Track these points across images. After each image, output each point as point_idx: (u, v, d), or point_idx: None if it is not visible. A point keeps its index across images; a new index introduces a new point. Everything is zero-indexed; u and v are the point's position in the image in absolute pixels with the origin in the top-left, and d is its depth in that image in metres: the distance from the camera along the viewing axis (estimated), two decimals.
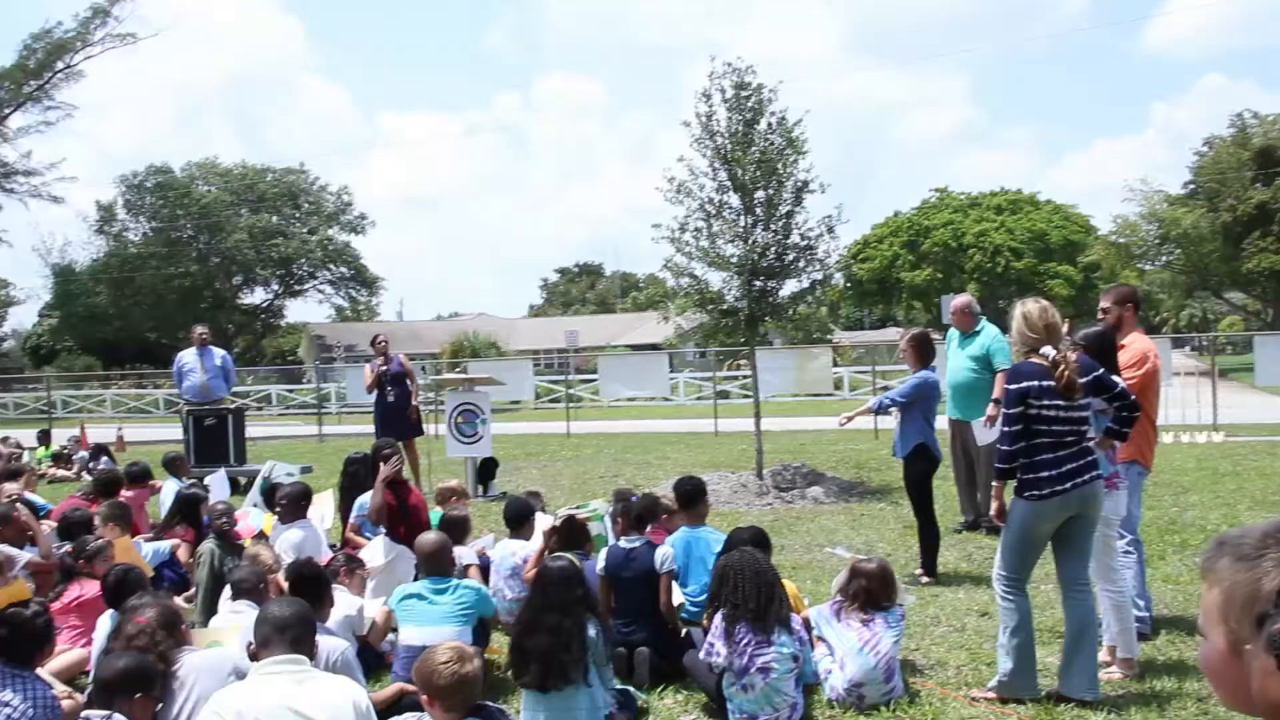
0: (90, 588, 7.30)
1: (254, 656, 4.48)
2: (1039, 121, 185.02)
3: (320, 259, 74.73)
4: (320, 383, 36.35)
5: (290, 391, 43.25)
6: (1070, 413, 5.84)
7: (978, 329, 10.75)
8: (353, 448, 12.25)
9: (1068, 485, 5.84)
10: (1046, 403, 5.81)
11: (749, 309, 13.51)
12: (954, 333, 11.00)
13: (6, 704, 5.03)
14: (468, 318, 76.94)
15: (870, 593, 6.42)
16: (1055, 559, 6.20)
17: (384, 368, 14.71)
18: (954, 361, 10.79)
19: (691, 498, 7.81)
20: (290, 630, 4.36)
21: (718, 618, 5.95)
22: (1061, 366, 5.78)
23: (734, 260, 13.34)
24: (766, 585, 5.90)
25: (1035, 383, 5.84)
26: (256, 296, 79.09)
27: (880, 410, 9.30)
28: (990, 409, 9.93)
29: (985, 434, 9.96)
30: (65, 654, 6.94)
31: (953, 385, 10.63)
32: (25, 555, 8.12)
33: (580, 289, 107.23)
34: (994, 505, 6.23)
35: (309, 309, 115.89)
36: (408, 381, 14.76)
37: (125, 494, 10.54)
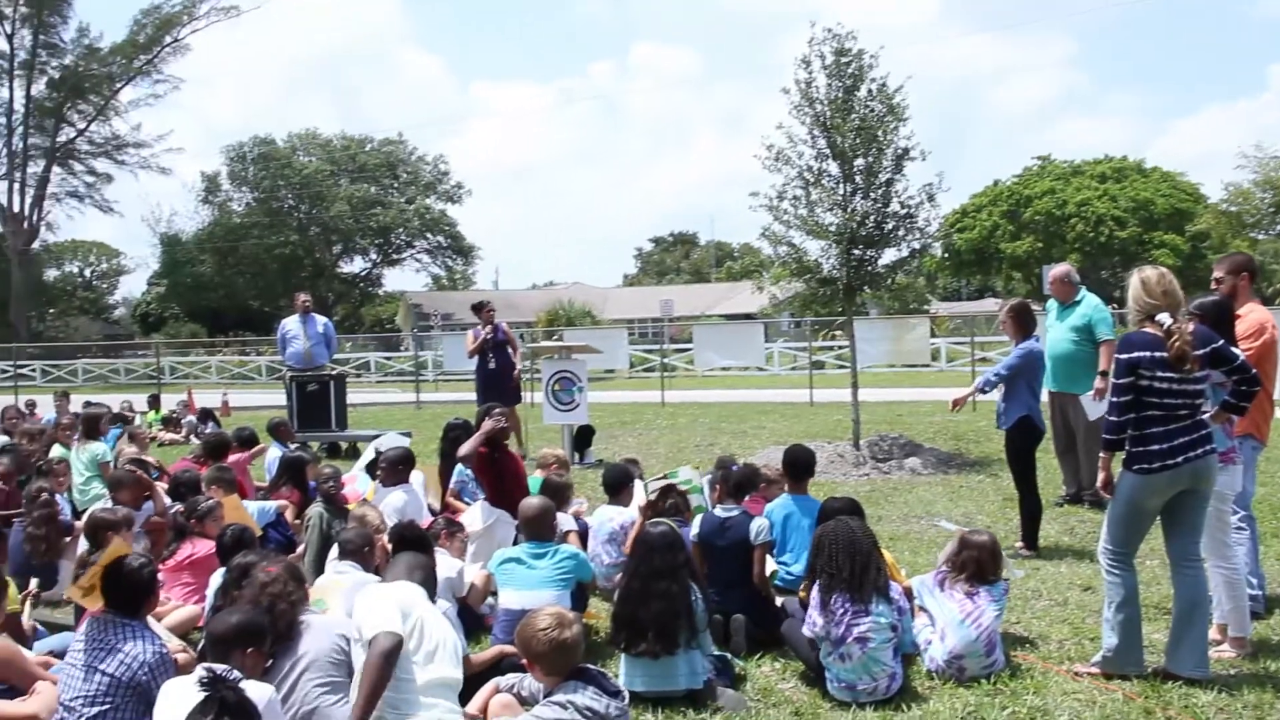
0: (202, 546, 7.52)
1: None
2: (1146, 87, 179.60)
3: (418, 228, 75.74)
4: (418, 350, 36.87)
5: (388, 359, 43.88)
6: (1183, 385, 5.67)
7: (1078, 299, 10.51)
8: (449, 415, 12.40)
9: (1179, 459, 5.70)
10: (1159, 374, 5.66)
11: (847, 278, 13.37)
12: (1053, 304, 10.77)
13: (118, 649, 5.21)
14: (562, 287, 77.30)
15: (978, 565, 6.34)
16: (1165, 534, 6.06)
17: (488, 334, 14.91)
18: (1054, 333, 10.56)
19: (801, 468, 7.77)
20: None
21: (815, 588, 5.93)
22: (1175, 336, 5.61)
23: (832, 228, 13.20)
24: (862, 554, 5.86)
25: (1147, 353, 5.68)
26: (355, 265, 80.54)
27: (986, 389, 9.14)
28: (1098, 382, 9.71)
29: (1094, 408, 9.76)
30: (179, 610, 7.16)
31: (1053, 357, 10.36)
32: (143, 514, 8.39)
33: (675, 258, 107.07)
34: (1101, 476, 6.10)
35: (406, 278, 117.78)
36: (509, 349, 14.91)
37: (231, 457, 10.81)
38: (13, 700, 4.57)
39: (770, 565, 7.22)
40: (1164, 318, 5.70)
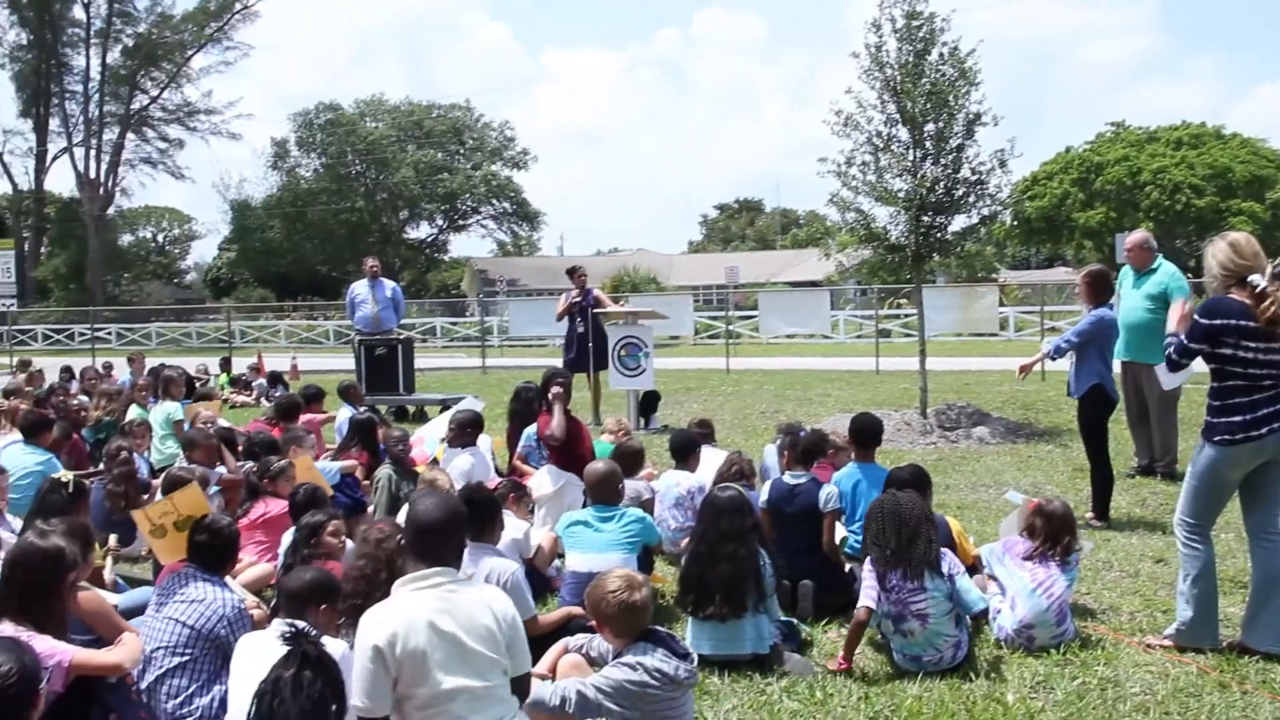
0: (275, 505, 7.64)
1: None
2: (1228, 50, 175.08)
3: (483, 194, 75.98)
4: (483, 316, 37.06)
5: (453, 324, 44.15)
6: (1269, 354, 5.54)
7: (1154, 266, 10.28)
8: (515, 380, 12.50)
9: (1263, 430, 5.57)
10: (1243, 343, 5.53)
11: (915, 245, 13.24)
12: (1128, 271, 10.55)
13: (199, 601, 5.34)
14: (627, 253, 77.26)
15: (1051, 534, 6.28)
16: (1243, 506, 5.95)
17: (578, 298, 15.01)
18: (1129, 301, 10.33)
19: (868, 436, 7.74)
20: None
21: (868, 564, 5.91)
22: (1269, 300, 5.45)
23: (901, 194, 13.06)
24: (908, 527, 5.80)
25: (1232, 321, 5.54)
26: (421, 231, 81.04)
27: (1056, 355, 9.00)
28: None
29: (1168, 378, 9.55)
30: (252, 568, 7.29)
31: (1127, 325, 10.13)
32: (217, 473, 8.54)
33: (740, 225, 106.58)
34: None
35: (472, 243, 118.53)
36: (604, 316, 14.92)
37: (303, 417, 10.98)
38: (100, 650, 4.69)
39: (841, 532, 7.21)
40: (1257, 279, 5.54)
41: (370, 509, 8.68)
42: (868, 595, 5.79)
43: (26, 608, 4.46)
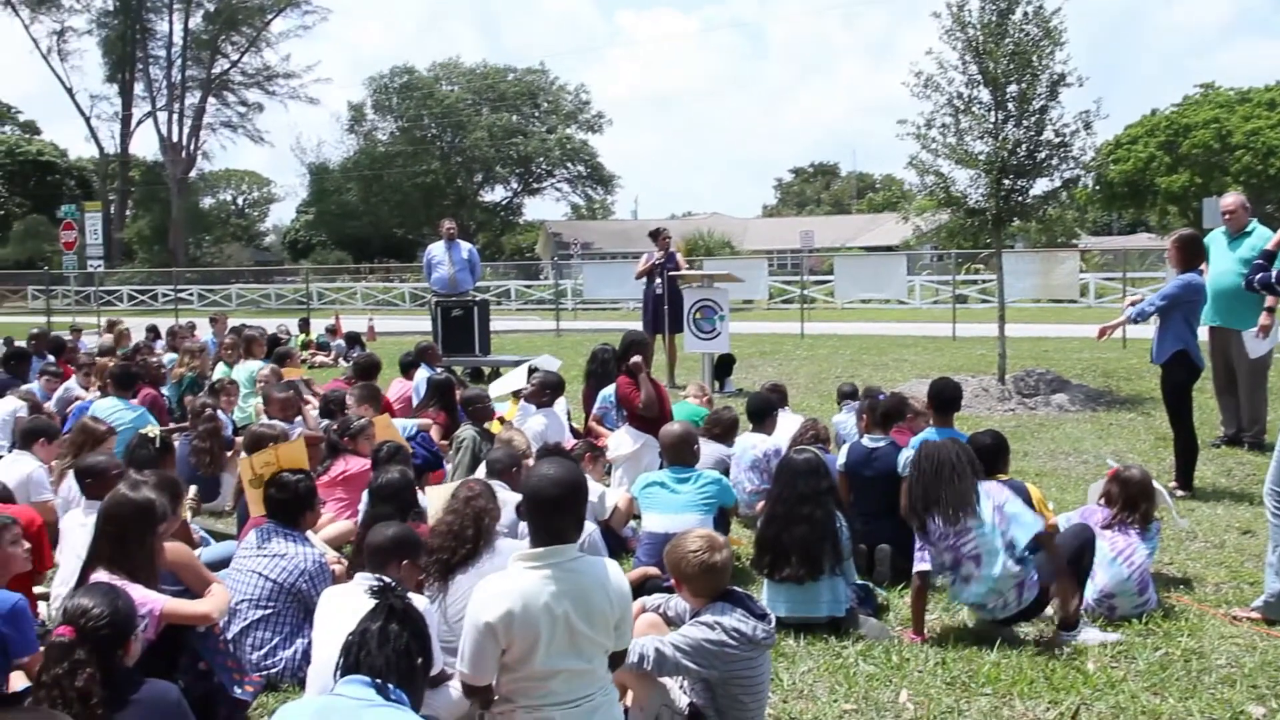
0: (354, 463, 7.76)
1: None
2: None
3: (558, 157, 76.04)
4: (558, 279, 37.17)
5: (528, 287, 44.34)
6: None
7: (1249, 230, 10.02)
8: (589, 342, 12.53)
9: None
10: None
11: (996, 209, 13.03)
12: (1218, 235, 10.27)
13: (281, 555, 5.46)
14: (701, 217, 76.94)
15: (1129, 501, 6.19)
16: None
17: (660, 259, 15.02)
18: (1219, 265, 10.04)
19: (947, 401, 7.66)
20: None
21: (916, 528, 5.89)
22: None
23: (982, 157, 12.85)
24: (932, 471, 5.72)
25: None
26: (496, 194, 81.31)
27: (1139, 319, 8.82)
28: (1264, 318, 9.20)
29: (1257, 345, 9.35)
30: (333, 525, 7.42)
31: (1216, 291, 9.83)
32: (297, 430, 8.68)
33: (815, 189, 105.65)
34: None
35: (546, 206, 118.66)
36: (679, 279, 14.89)
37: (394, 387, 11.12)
38: (189, 600, 4.81)
39: None
40: None
41: (448, 467, 8.79)
42: (919, 559, 5.79)
43: (119, 557, 4.59)
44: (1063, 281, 24.99)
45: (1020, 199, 13.07)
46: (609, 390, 9.46)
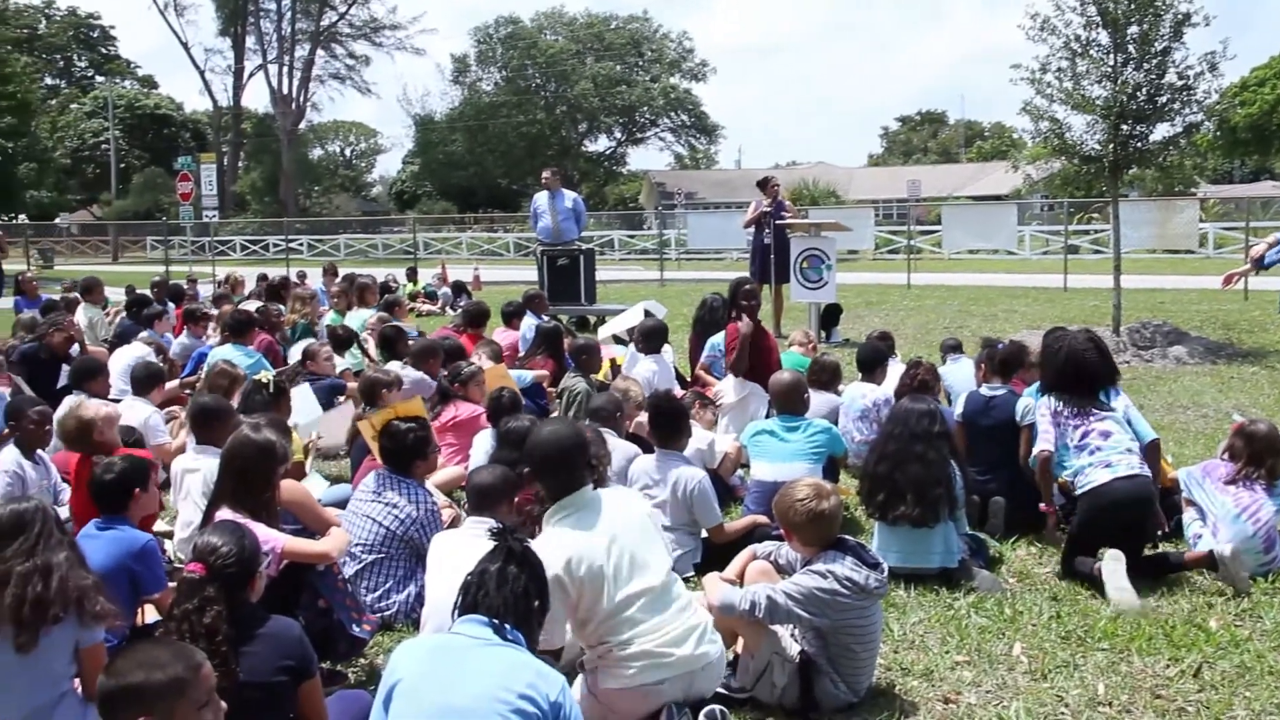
0: (465, 410, 7.85)
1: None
2: None
3: (662, 107, 75.72)
4: (661, 229, 37.09)
5: (631, 237, 44.31)
6: None
7: None
8: (693, 292, 12.48)
9: None
10: None
11: (1113, 155, 12.66)
12: None
13: (393, 504, 5.56)
14: (805, 166, 75.99)
15: (1254, 456, 6.00)
16: None
17: (768, 209, 14.90)
18: None
19: None
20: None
21: (1040, 406, 6.00)
22: None
23: (1099, 102, 12.48)
24: (1089, 366, 5.98)
25: None
26: (600, 144, 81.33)
27: (1264, 266, 8.52)
28: None
29: None
30: (443, 470, 7.52)
31: None
32: (413, 375, 8.78)
33: (922, 138, 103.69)
34: None
35: (649, 156, 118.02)
36: (787, 230, 14.75)
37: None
38: (308, 539, 4.93)
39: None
40: None
41: (555, 415, 8.85)
42: (1043, 439, 6.01)
43: (241, 497, 4.71)
44: (1181, 231, 24.24)
45: (1139, 145, 12.72)
46: (718, 338, 9.43)
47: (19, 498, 4.35)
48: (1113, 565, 5.51)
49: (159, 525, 6.44)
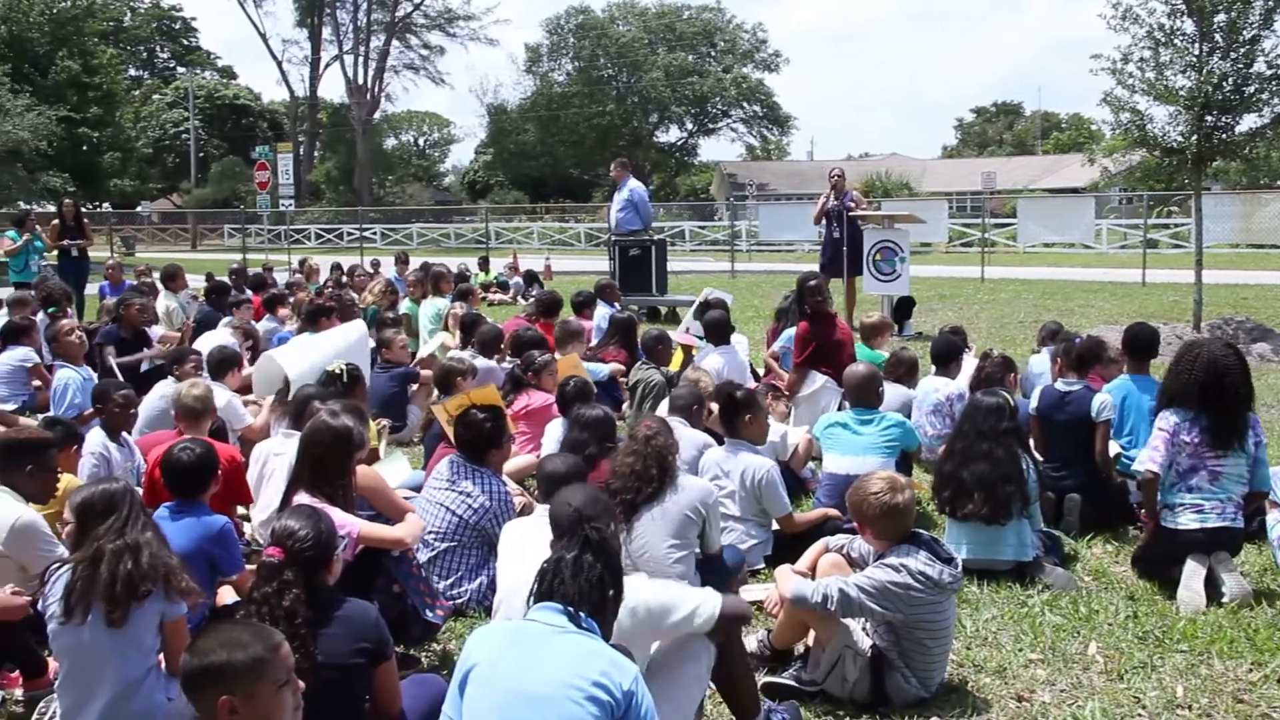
0: (537, 398, 7.89)
1: None
2: None
3: (734, 97, 75.30)
4: (733, 220, 36.99)
5: (702, 228, 44.19)
6: None
7: None
8: (764, 284, 12.44)
9: None
10: None
11: (1196, 147, 12.39)
12: None
13: (467, 493, 5.60)
14: (878, 158, 75.25)
15: None
16: None
17: (834, 202, 14.79)
18: None
19: (1143, 347, 7.38)
20: None
21: (1165, 415, 5.71)
22: None
23: (1183, 92, 12.22)
24: (1232, 381, 5.58)
25: None
26: (671, 135, 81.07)
27: None
28: None
29: None
30: (516, 458, 7.57)
31: None
32: (483, 364, 8.84)
33: (997, 129, 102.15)
34: None
35: (721, 147, 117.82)
36: (859, 221, 14.64)
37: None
38: (384, 525, 4.99)
39: (1114, 448, 6.92)
40: None
41: (628, 410, 8.87)
42: (1151, 459, 5.65)
43: (319, 482, 4.78)
44: (1267, 225, 23.72)
45: (1224, 137, 12.44)
46: (790, 332, 9.40)
47: (107, 479, 4.48)
48: (1194, 567, 5.42)
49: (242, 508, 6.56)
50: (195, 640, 3.07)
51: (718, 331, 9.36)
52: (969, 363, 8.44)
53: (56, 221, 16.61)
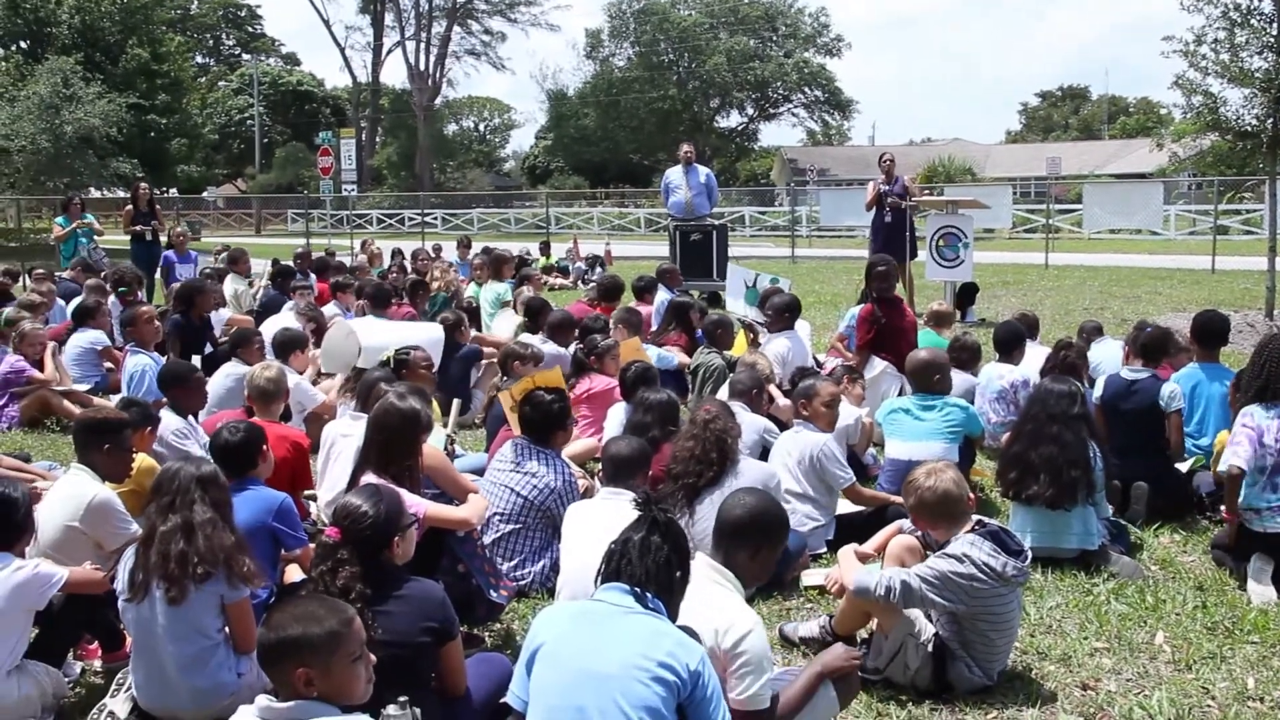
0: (599, 382, 7.93)
1: None
2: None
3: (795, 82, 74.80)
4: (793, 205, 36.81)
5: (762, 213, 43.99)
6: None
7: None
8: (824, 269, 12.38)
9: None
10: None
11: (1272, 131, 12.15)
12: None
13: (533, 474, 5.65)
14: (941, 143, 74.42)
15: None
16: None
17: (886, 187, 14.65)
18: None
19: (1214, 334, 7.26)
20: None
21: (1250, 411, 5.58)
22: None
23: (1259, 74, 11.97)
24: None
25: None
26: (732, 120, 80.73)
27: None
28: None
29: None
30: (577, 441, 7.61)
31: None
32: (551, 350, 8.88)
33: (1062, 114, 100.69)
34: None
35: (782, 132, 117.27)
36: (905, 205, 14.51)
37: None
38: (450, 506, 5.04)
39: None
40: None
41: (690, 396, 8.88)
42: (1238, 454, 5.48)
43: (386, 463, 4.84)
44: None
45: None
46: (854, 311, 9.37)
47: (175, 461, 4.59)
48: (1261, 564, 5.35)
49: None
50: (271, 614, 3.13)
51: (783, 316, 9.31)
52: (1032, 350, 8.35)
53: (130, 207, 16.89)
